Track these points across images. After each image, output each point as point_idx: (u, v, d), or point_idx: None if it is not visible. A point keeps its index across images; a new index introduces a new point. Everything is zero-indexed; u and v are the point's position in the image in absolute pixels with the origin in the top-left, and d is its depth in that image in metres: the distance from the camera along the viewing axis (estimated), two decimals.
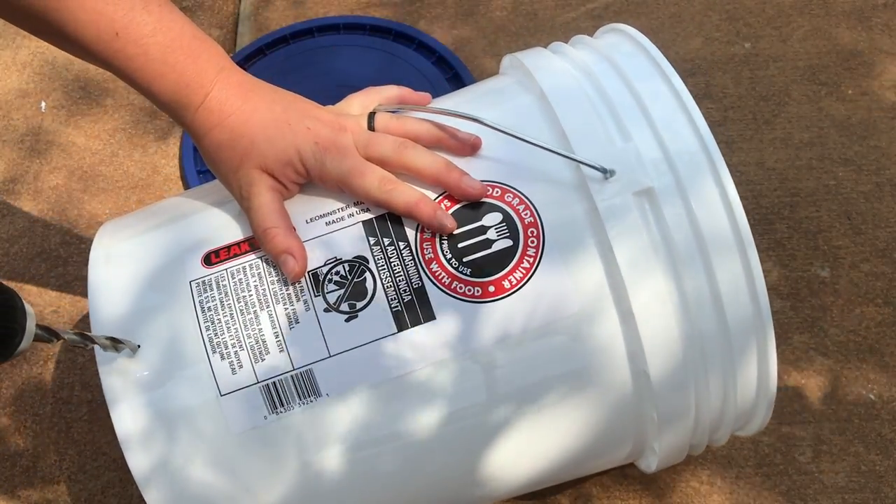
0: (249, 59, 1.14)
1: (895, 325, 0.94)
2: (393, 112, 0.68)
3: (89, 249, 0.68)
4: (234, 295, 0.63)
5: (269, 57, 1.15)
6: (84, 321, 0.98)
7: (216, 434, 0.61)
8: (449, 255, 0.62)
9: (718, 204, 0.62)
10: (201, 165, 1.07)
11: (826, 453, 0.88)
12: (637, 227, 0.61)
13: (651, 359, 0.61)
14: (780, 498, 0.85)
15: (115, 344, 0.61)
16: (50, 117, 1.13)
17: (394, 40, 1.15)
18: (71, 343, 0.59)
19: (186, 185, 1.07)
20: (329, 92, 1.11)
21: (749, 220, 0.62)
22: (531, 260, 0.62)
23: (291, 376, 0.61)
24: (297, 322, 0.61)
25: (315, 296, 0.62)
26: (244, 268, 0.63)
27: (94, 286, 0.65)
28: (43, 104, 1.13)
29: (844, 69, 1.12)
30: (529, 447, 0.65)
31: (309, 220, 0.64)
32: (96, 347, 0.62)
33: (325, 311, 0.61)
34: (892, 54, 1.13)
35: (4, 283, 0.54)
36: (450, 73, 1.12)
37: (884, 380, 0.91)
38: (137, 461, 0.61)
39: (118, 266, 0.66)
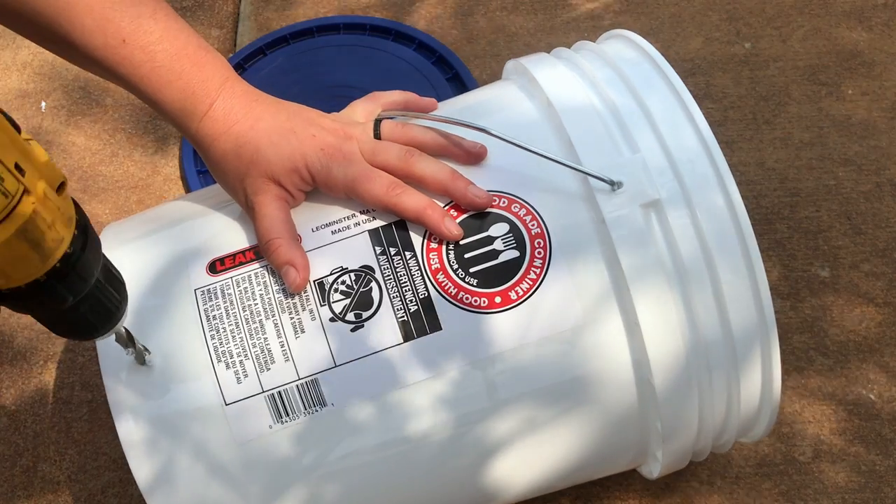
0: (249, 59, 1.13)
1: (895, 325, 0.95)
2: (398, 119, 0.68)
3: None
4: (239, 304, 0.62)
5: (269, 57, 1.14)
6: None
7: (220, 443, 0.61)
8: (455, 266, 0.62)
9: (724, 213, 0.62)
10: (201, 166, 1.07)
11: (826, 453, 0.88)
12: (644, 239, 0.61)
13: (656, 369, 0.62)
14: (780, 498, 0.86)
15: (138, 348, 0.60)
16: (50, 117, 1.12)
17: (394, 40, 1.14)
18: (117, 338, 0.58)
19: (186, 186, 1.07)
20: (329, 92, 1.12)
21: (749, 220, 0.62)
22: (538, 271, 0.62)
23: (297, 386, 0.61)
24: (302, 331, 0.61)
25: (321, 305, 0.62)
26: (249, 276, 0.63)
27: None
28: (43, 104, 1.13)
29: (844, 69, 1.12)
30: (533, 455, 0.66)
31: (315, 229, 0.64)
32: (100, 354, 0.62)
33: (331, 320, 0.61)
34: (892, 54, 1.13)
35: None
36: (450, 73, 1.11)
37: (884, 380, 0.92)
38: (141, 469, 0.61)
39: (121, 272, 0.66)
